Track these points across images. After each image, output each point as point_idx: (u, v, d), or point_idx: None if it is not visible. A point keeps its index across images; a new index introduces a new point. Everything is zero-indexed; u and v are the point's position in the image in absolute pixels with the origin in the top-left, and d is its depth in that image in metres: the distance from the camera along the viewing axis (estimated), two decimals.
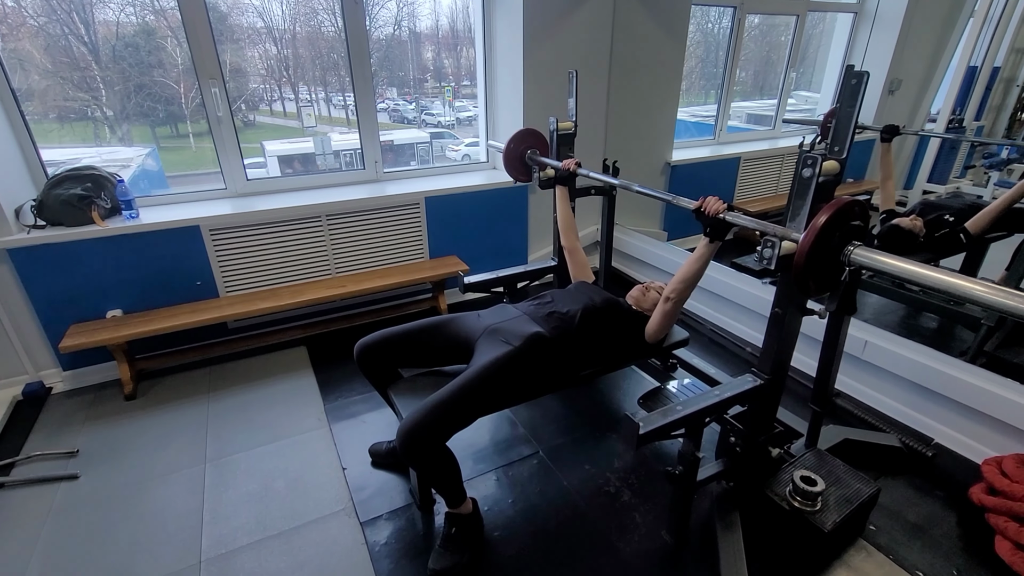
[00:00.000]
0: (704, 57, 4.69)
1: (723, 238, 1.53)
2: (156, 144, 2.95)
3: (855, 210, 1.14)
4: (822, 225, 1.11)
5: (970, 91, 4.73)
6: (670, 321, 1.74)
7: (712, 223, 1.50)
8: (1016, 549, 1.54)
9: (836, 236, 1.14)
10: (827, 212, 1.12)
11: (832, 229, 1.13)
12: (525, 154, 2.37)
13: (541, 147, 2.38)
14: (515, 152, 2.35)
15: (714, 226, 1.50)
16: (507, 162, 2.35)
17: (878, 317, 3.04)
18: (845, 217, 1.13)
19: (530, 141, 2.37)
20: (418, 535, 1.69)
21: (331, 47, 3.16)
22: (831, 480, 1.66)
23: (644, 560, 1.59)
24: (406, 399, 1.68)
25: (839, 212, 1.12)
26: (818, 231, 1.11)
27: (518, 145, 2.34)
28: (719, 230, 1.51)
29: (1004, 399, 1.86)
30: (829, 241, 1.14)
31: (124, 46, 2.60)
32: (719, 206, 1.48)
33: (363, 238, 2.90)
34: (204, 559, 1.61)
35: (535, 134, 2.37)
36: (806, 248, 1.12)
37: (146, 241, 2.41)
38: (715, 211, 1.48)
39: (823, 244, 1.13)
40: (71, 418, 2.25)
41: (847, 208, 1.13)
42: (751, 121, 5.20)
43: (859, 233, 1.16)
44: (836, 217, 1.12)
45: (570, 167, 2.15)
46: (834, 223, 1.13)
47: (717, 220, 1.48)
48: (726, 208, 1.48)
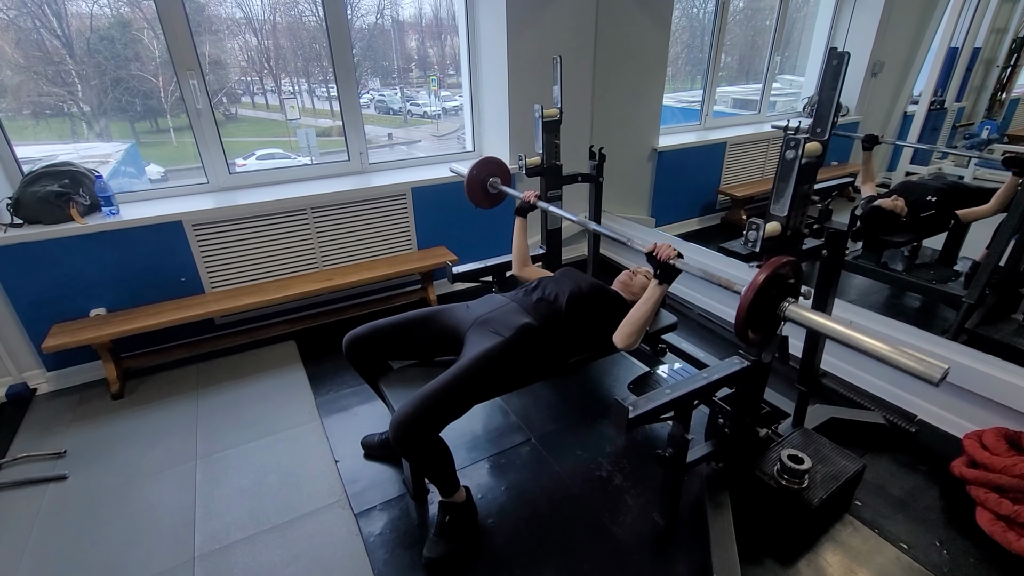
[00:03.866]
0: (689, 42, 4.69)
1: (672, 282, 1.61)
2: (136, 139, 2.90)
3: (790, 270, 1.25)
4: (761, 282, 1.19)
5: (951, 72, 4.77)
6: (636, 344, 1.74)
7: (663, 267, 1.56)
8: (996, 519, 1.58)
9: (773, 292, 1.22)
10: (766, 271, 1.20)
11: (771, 286, 1.21)
12: (487, 182, 2.34)
13: (503, 175, 2.37)
14: (477, 179, 2.33)
15: (664, 270, 1.57)
16: (469, 189, 2.32)
17: (863, 297, 3.08)
18: (781, 276, 1.23)
19: (491, 169, 2.34)
20: (412, 525, 1.70)
21: (313, 37, 3.11)
22: (818, 458, 1.70)
23: (636, 542, 1.62)
24: (397, 391, 1.68)
25: (776, 271, 1.21)
26: (758, 287, 1.19)
27: (480, 172, 2.32)
28: (669, 274, 1.58)
29: (984, 375, 1.90)
30: (767, 297, 1.22)
31: (99, 39, 2.54)
32: (670, 252, 1.55)
33: (350, 230, 2.88)
34: (198, 555, 1.61)
35: (497, 162, 2.35)
36: (746, 303, 1.19)
37: (127, 238, 2.37)
38: (666, 257, 1.55)
39: (762, 299, 1.21)
40: (57, 419, 2.22)
41: (783, 268, 1.23)
42: (737, 106, 5.21)
43: (793, 290, 1.26)
44: (774, 276, 1.21)
45: (529, 199, 2.13)
46: (772, 281, 1.21)
47: (667, 265, 1.55)
48: (676, 255, 1.55)
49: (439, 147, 4.09)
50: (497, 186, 2.35)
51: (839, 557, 1.56)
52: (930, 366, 0.98)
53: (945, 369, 0.97)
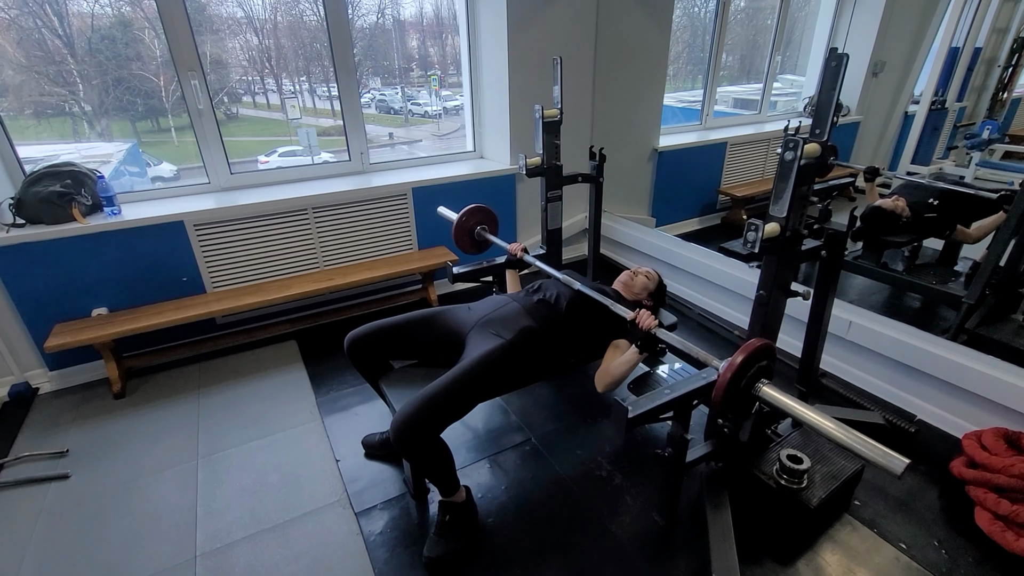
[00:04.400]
0: (691, 42, 4.68)
1: (652, 351, 1.60)
2: (137, 139, 2.91)
3: (764, 352, 1.29)
4: (739, 363, 1.24)
5: (952, 72, 4.76)
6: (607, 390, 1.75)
7: (643, 336, 1.56)
8: (994, 519, 1.59)
9: (749, 374, 1.27)
10: (743, 353, 1.25)
11: (747, 367, 1.26)
12: (475, 230, 2.35)
13: (491, 224, 2.37)
14: (465, 226, 2.32)
15: (644, 340, 1.57)
16: (457, 236, 2.32)
17: (863, 298, 3.09)
18: (757, 358, 1.28)
19: (480, 217, 2.34)
20: (413, 524, 1.70)
21: (314, 37, 3.12)
22: (817, 458, 1.70)
23: (636, 541, 1.62)
24: (398, 391, 1.69)
25: (752, 354, 1.26)
26: (735, 368, 1.24)
27: (469, 219, 2.32)
28: (649, 344, 1.58)
29: (984, 375, 1.90)
30: (743, 377, 1.26)
31: (100, 39, 2.54)
32: (651, 322, 1.55)
33: (350, 230, 2.88)
34: (199, 554, 1.62)
35: (485, 210, 2.35)
36: (725, 381, 1.24)
37: (129, 238, 2.38)
38: (647, 326, 1.55)
39: (739, 379, 1.26)
40: (59, 418, 2.23)
41: (759, 351, 1.27)
42: (737, 106, 5.21)
43: (767, 372, 1.30)
44: (750, 358, 1.26)
45: (516, 252, 2.14)
46: (748, 362, 1.25)
47: (648, 335, 1.55)
48: (657, 324, 1.56)
49: (440, 146, 4.09)
50: (484, 235, 2.34)
51: (838, 557, 1.56)
52: (892, 460, 1.01)
53: (906, 464, 0.99)
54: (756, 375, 1.27)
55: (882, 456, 1.02)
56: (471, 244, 2.38)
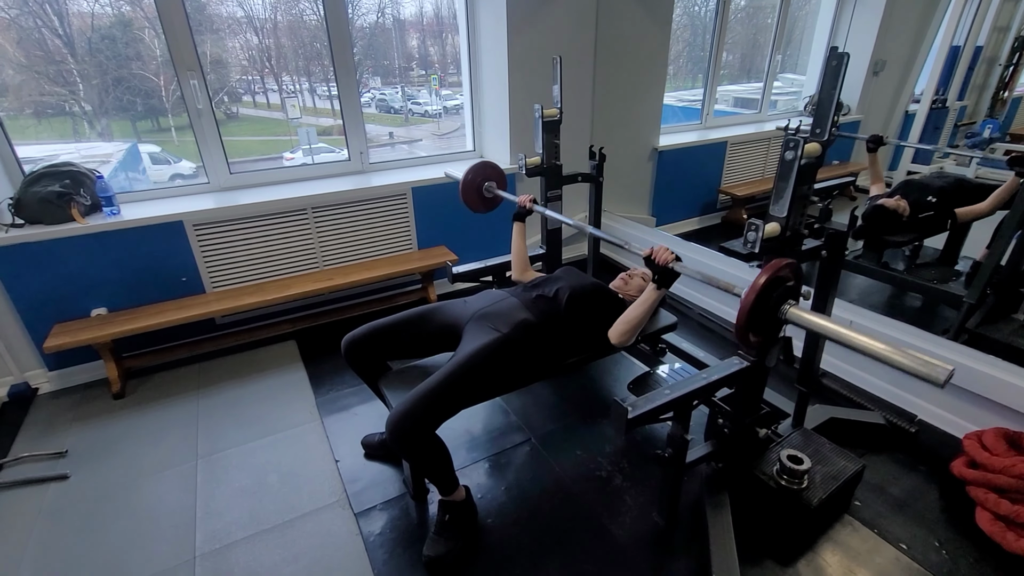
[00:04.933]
0: (691, 41, 4.68)
1: (670, 286, 1.59)
2: (137, 138, 2.90)
3: (789, 272, 1.23)
4: (762, 285, 1.18)
5: (953, 71, 4.76)
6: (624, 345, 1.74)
7: (661, 271, 1.55)
8: (995, 519, 1.58)
9: (774, 296, 1.21)
10: (766, 273, 1.19)
11: (771, 289, 1.20)
12: (482, 186, 2.33)
13: (499, 180, 2.36)
14: (472, 184, 2.31)
15: (663, 274, 1.56)
16: (464, 194, 2.31)
17: (863, 297, 3.08)
18: (782, 278, 1.22)
19: (487, 173, 2.33)
20: (412, 524, 1.70)
21: (314, 36, 3.11)
22: (817, 458, 1.70)
23: (636, 542, 1.62)
24: (397, 391, 1.69)
25: (776, 274, 1.20)
26: (758, 291, 1.18)
27: (475, 177, 2.31)
28: (667, 278, 1.57)
29: (985, 375, 1.90)
30: (768, 300, 1.21)
31: (100, 38, 2.54)
32: (668, 256, 1.54)
33: (350, 230, 2.88)
34: (199, 554, 1.61)
35: (492, 167, 2.34)
36: (747, 306, 1.19)
37: (128, 238, 2.37)
38: (664, 261, 1.54)
39: (763, 303, 1.21)
40: (59, 418, 2.23)
41: (783, 270, 1.21)
42: (738, 105, 5.21)
43: (793, 293, 1.24)
44: (774, 278, 1.20)
45: (525, 204, 2.13)
46: (772, 284, 1.20)
47: (665, 269, 1.54)
48: (675, 258, 1.54)
49: (440, 146, 4.09)
50: (493, 190, 2.33)
51: (838, 557, 1.56)
52: (934, 368, 0.95)
53: (950, 371, 0.94)
54: (783, 296, 1.20)
55: (922, 365, 0.96)
56: (480, 202, 2.36)
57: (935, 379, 0.95)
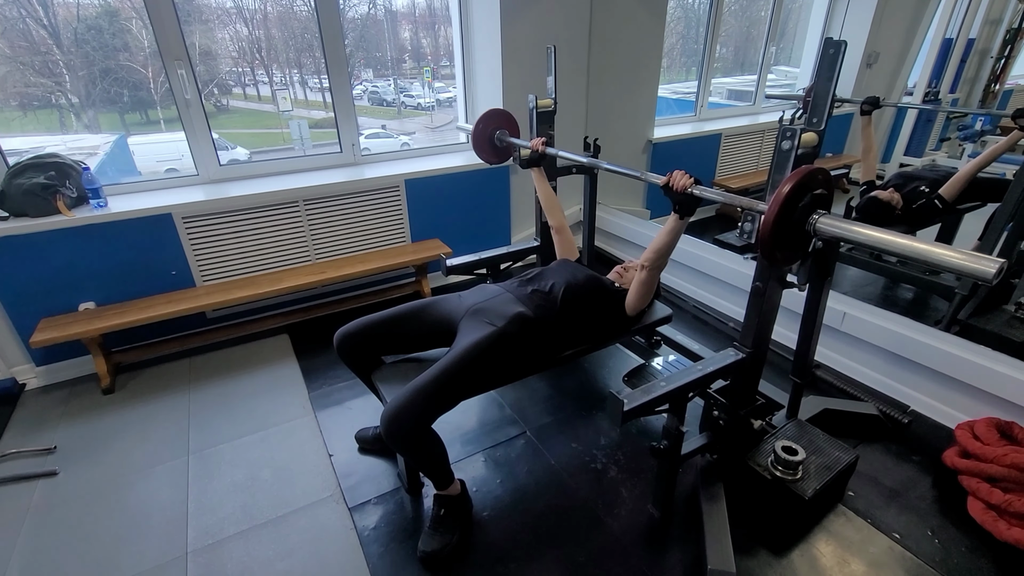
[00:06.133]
0: (684, 33, 4.66)
1: (692, 213, 1.53)
2: (125, 131, 2.86)
3: (819, 178, 1.12)
4: (786, 195, 1.09)
5: (945, 63, 4.76)
6: (648, 290, 1.74)
7: (681, 199, 1.49)
8: (987, 508, 1.59)
9: (800, 207, 1.12)
10: (791, 182, 1.09)
11: (796, 199, 1.11)
12: (494, 135, 2.27)
13: (511, 127, 2.29)
14: (483, 133, 2.25)
15: (683, 202, 1.50)
16: (476, 143, 2.24)
17: (856, 289, 3.09)
18: (809, 186, 1.11)
19: (499, 121, 2.27)
20: (407, 518, 1.69)
21: (304, 27, 3.07)
22: (811, 449, 1.70)
23: (631, 533, 1.62)
24: (391, 385, 1.67)
25: (802, 181, 1.09)
26: (782, 201, 1.08)
27: (487, 126, 2.24)
28: (687, 205, 1.50)
29: (977, 365, 1.91)
30: (793, 212, 1.11)
31: (86, 29, 2.49)
32: (686, 181, 1.46)
33: (342, 223, 2.85)
34: (191, 550, 1.60)
35: (504, 114, 2.28)
36: (771, 218, 1.09)
37: (116, 231, 2.33)
38: (683, 186, 1.46)
39: (788, 215, 1.11)
40: (47, 414, 2.19)
41: (810, 177, 1.11)
42: (732, 97, 5.20)
43: (824, 202, 1.13)
44: (800, 186, 1.09)
45: (536, 146, 2.07)
46: (798, 192, 1.10)
47: (686, 195, 1.47)
48: (693, 182, 1.46)
49: (433, 139, 4.06)
50: (505, 139, 2.25)
51: (832, 547, 1.57)
52: (981, 261, 0.91)
53: (1001, 263, 0.90)
54: (811, 206, 1.11)
55: (972, 260, 0.92)
56: (493, 152, 2.30)
57: (984, 274, 0.90)
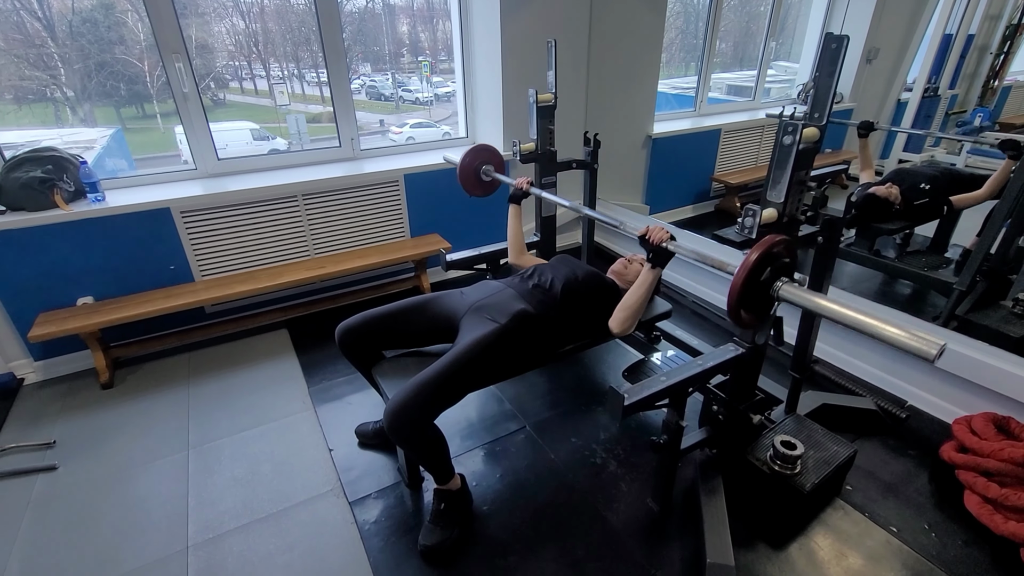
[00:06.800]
0: (684, 28, 4.64)
1: (665, 265, 1.59)
2: (122, 125, 2.84)
3: (783, 248, 1.21)
4: (753, 261, 1.16)
5: (945, 59, 4.76)
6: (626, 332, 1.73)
7: (655, 250, 1.55)
8: (983, 502, 1.60)
9: (766, 272, 1.20)
10: (758, 250, 1.17)
11: (763, 266, 1.19)
12: (480, 169, 2.32)
13: (496, 163, 2.35)
14: (470, 167, 2.31)
15: (657, 253, 1.56)
16: (462, 177, 2.31)
17: (855, 285, 3.10)
18: (774, 255, 1.20)
19: (484, 156, 2.32)
20: (408, 512, 1.70)
21: (302, 21, 3.05)
22: (810, 444, 1.71)
23: (631, 528, 1.63)
24: (391, 380, 1.67)
25: (769, 250, 1.18)
26: (750, 267, 1.16)
27: (473, 160, 2.30)
28: (662, 258, 1.57)
29: (974, 360, 1.92)
30: (760, 276, 1.19)
31: (81, 21, 2.47)
32: (662, 235, 1.54)
33: (341, 218, 2.84)
34: (191, 544, 1.60)
35: (489, 150, 2.33)
36: (739, 283, 1.16)
37: (114, 225, 2.32)
38: (658, 240, 1.53)
39: (755, 279, 1.19)
40: (46, 409, 2.19)
41: (776, 247, 1.19)
42: (731, 92, 5.19)
43: (787, 269, 1.21)
44: (766, 255, 1.18)
45: (522, 186, 2.12)
46: (764, 260, 1.18)
47: (660, 248, 1.54)
48: (669, 237, 1.53)
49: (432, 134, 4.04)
50: (491, 173, 2.32)
51: (830, 541, 1.58)
52: (926, 343, 0.96)
53: (941, 345, 0.94)
54: (776, 273, 1.19)
55: (915, 340, 0.96)
56: (478, 185, 2.36)
57: (926, 354, 0.95)
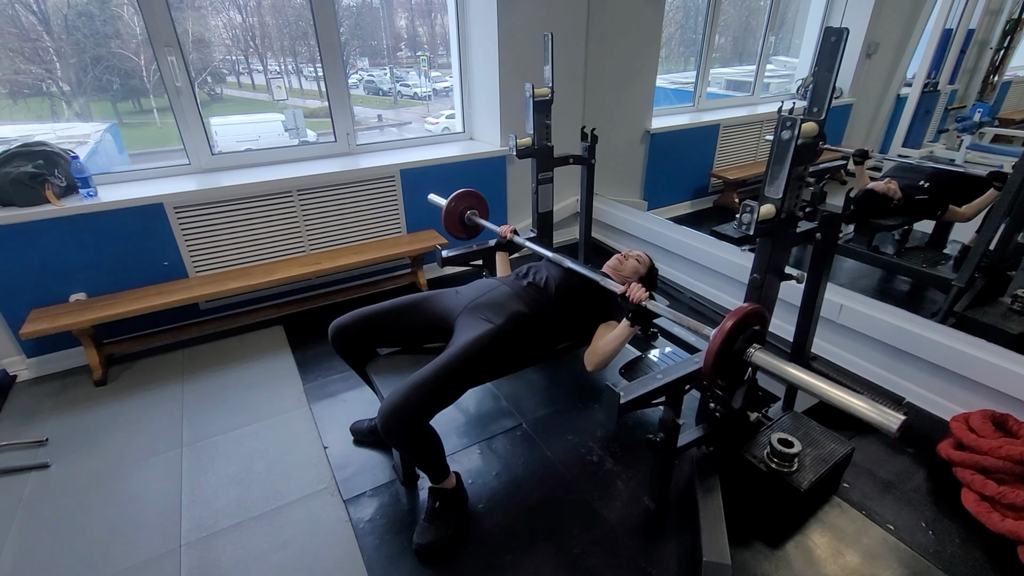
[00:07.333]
0: (683, 23, 4.61)
1: (643, 324, 1.60)
2: (118, 119, 2.81)
3: (755, 317, 1.27)
4: (729, 328, 1.22)
5: (945, 54, 4.74)
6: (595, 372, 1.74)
7: (634, 309, 1.56)
8: (981, 500, 1.60)
9: (740, 339, 1.25)
10: (732, 318, 1.23)
11: (737, 333, 1.24)
12: (464, 214, 2.32)
13: (480, 208, 2.34)
14: (455, 211, 2.30)
15: (635, 312, 1.56)
16: (446, 221, 2.30)
17: (853, 281, 3.09)
18: (747, 323, 1.25)
19: (469, 201, 2.32)
20: (402, 510, 1.69)
21: (299, 14, 3.02)
22: (807, 441, 1.70)
23: (627, 525, 1.62)
24: (386, 378, 1.66)
25: (743, 319, 1.24)
26: (725, 334, 1.21)
27: (458, 204, 2.29)
28: (640, 316, 1.57)
29: (972, 357, 1.91)
30: (734, 344, 1.24)
31: (77, 15, 2.45)
32: (641, 294, 1.55)
33: (337, 213, 2.82)
34: (184, 543, 1.59)
35: (474, 195, 2.32)
36: (715, 348, 1.22)
37: (106, 220, 2.30)
38: (637, 299, 1.54)
39: (729, 346, 1.24)
40: (38, 406, 2.17)
41: (749, 315, 1.25)
42: (730, 88, 5.16)
43: (759, 337, 1.27)
44: (740, 323, 1.24)
45: (506, 235, 2.11)
46: (738, 328, 1.24)
47: (639, 307, 1.54)
48: (647, 296, 1.55)
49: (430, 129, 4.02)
50: (475, 219, 2.31)
51: (827, 539, 1.57)
52: (887, 416, 1.00)
53: (902, 420, 0.99)
54: (749, 340, 1.25)
55: (879, 414, 1.01)
56: (461, 229, 2.35)
57: (888, 428, 0.99)
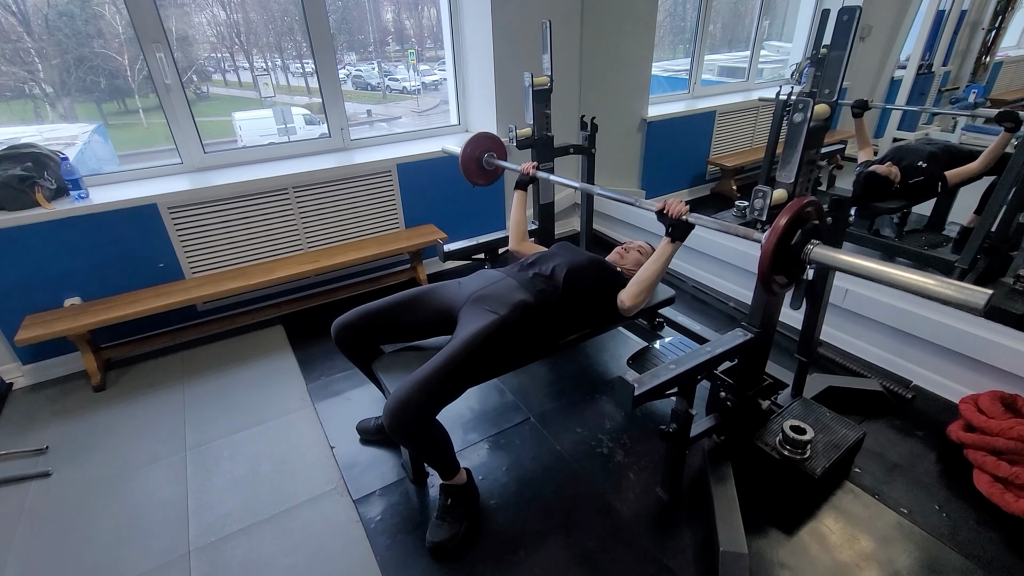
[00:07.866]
0: (672, 11, 4.57)
1: (685, 238, 1.57)
2: (104, 121, 2.75)
3: (813, 211, 1.20)
4: (783, 226, 1.14)
5: (938, 36, 4.73)
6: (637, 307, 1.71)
7: (675, 223, 1.54)
8: (994, 481, 1.60)
9: (797, 235, 1.17)
10: (787, 213, 1.15)
11: (793, 229, 1.17)
12: (482, 158, 2.27)
13: (498, 150, 2.29)
14: (472, 156, 2.25)
15: (676, 227, 1.54)
16: (464, 167, 2.25)
17: None
18: (804, 217, 1.18)
19: (486, 145, 2.27)
20: (413, 509, 1.67)
21: (284, 10, 2.97)
22: (818, 427, 1.69)
23: (640, 517, 1.61)
24: (392, 375, 1.63)
25: (798, 213, 1.16)
26: (780, 232, 1.14)
27: (474, 149, 2.24)
28: (681, 230, 1.55)
29: (978, 338, 1.90)
30: (790, 240, 1.17)
31: (57, 15, 2.39)
32: (681, 208, 1.52)
33: (334, 210, 2.78)
34: (193, 548, 1.56)
35: (491, 137, 2.28)
36: (770, 248, 1.15)
37: (99, 223, 2.25)
38: (678, 213, 1.52)
39: (785, 244, 1.17)
40: (37, 414, 2.13)
41: (806, 209, 1.18)
42: (723, 74, 5.13)
43: (818, 232, 1.19)
44: (796, 218, 1.16)
45: (528, 171, 2.07)
46: (794, 223, 1.16)
47: (680, 221, 1.52)
48: (688, 209, 1.51)
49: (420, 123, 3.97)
50: (493, 161, 2.26)
51: (841, 524, 1.57)
52: (973, 293, 0.93)
53: (989, 294, 0.91)
54: (806, 235, 1.17)
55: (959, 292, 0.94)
56: (481, 174, 2.31)
57: (975, 305, 0.92)
